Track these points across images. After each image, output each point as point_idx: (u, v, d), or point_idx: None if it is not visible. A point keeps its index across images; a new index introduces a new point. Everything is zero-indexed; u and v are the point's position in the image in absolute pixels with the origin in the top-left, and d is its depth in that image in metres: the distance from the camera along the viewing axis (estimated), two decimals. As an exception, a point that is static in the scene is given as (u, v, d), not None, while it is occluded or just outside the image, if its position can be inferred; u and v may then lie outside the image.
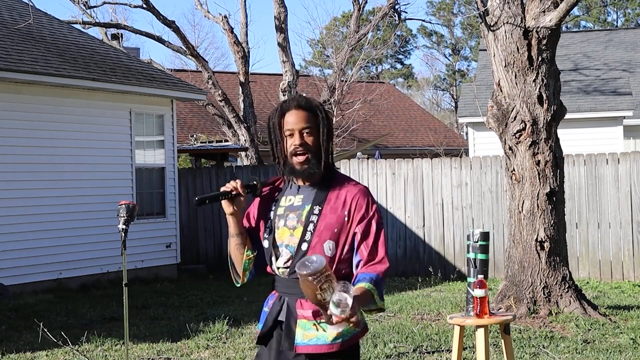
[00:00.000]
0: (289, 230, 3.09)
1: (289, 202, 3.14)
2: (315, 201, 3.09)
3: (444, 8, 51.19)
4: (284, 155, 3.11)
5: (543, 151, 8.51)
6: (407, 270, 12.53)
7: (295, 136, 3.08)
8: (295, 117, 3.09)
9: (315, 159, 3.08)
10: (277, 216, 3.14)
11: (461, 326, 5.07)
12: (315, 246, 3.03)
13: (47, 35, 12.90)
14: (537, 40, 8.48)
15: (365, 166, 12.91)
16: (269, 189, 3.25)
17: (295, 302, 3.06)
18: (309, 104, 3.15)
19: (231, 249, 3.19)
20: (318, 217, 3.06)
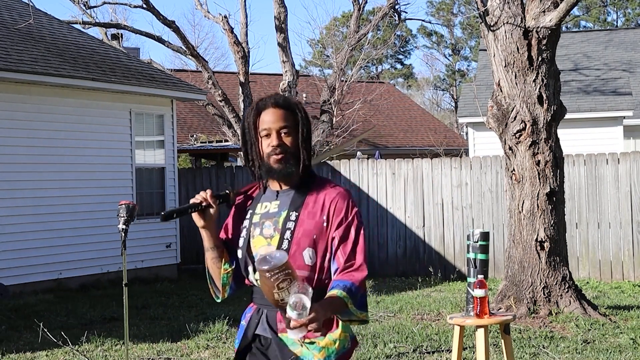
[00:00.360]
0: (265, 239, 2.88)
1: (264, 209, 2.93)
2: (292, 207, 2.87)
3: (444, 8, 51.19)
4: (260, 156, 2.90)
5: (543, 151, 8.51)
6: (407, 270, 12.54)
7: (272, 136, 2.87)
8: (273, 116, 2.89)
9: (294, 160, 2.87)
10: (253, 224, 2.93)
11: (461, 326, 5.07)
12: (295, 255, 2.80)
13: (47, 35, 12.90)
14: (537, 40, 8.48)
15: (365, 166, 12.92)
16: (244, 197, 3.06)
17: (276, 315, 2.84)
18: (287, 102, 2.94)
19: (208, 263, 3.00)
20: (295, 223, 2.84)
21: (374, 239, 12.79)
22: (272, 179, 2.92)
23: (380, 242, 12.76)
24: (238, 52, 16.96)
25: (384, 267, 12.66)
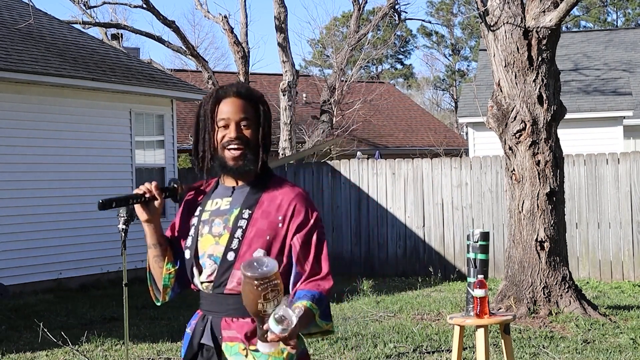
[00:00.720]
0: (213, 238, 2.66)
1: (215, 206, 2.71)
2: (245, 204, 2.65)
3: (444, 8, 51.20)
4: (213, 147, 2.67)
5: (543, 151, 8.51)
6: (407, 270, 12.54)
7: (230, 128, 2.65)
8: (233, 106, 2.67)
9: (252, 156, 2.66)
10: (202, 222, 2.70)
11: (461, 326, 5.07)
12: (244, 256, 2.59)
13: (47, 35, 12.91)
14: (537, 40, 8.48)
15: (365, 166, 12.92)
16: (194, 192, 2.83)
17: (221, 321, 2.63)
18: (250, 93, 2.73)
19: (150, 262, 2.78)
20: (247, 222, 2.62)
21: (374, 239, 12.79)
22: (226, 175, 2.71)
23: (380, 242, 12.76)
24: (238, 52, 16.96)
25: (384, 267, 12.66)
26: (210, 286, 2.64)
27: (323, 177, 13.07)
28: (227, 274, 2.61)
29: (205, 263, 2.65)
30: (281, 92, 16.94)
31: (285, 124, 16.84)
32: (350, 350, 7.09)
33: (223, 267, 2.62)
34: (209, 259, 2.65)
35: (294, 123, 17.03)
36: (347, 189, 12.96)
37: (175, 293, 2.77)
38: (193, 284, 2.71)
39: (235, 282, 2.58)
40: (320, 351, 7.08)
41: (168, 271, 2.73)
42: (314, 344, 7.32)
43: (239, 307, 2.54)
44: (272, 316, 2.32)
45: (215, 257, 2.64)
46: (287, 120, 16.80)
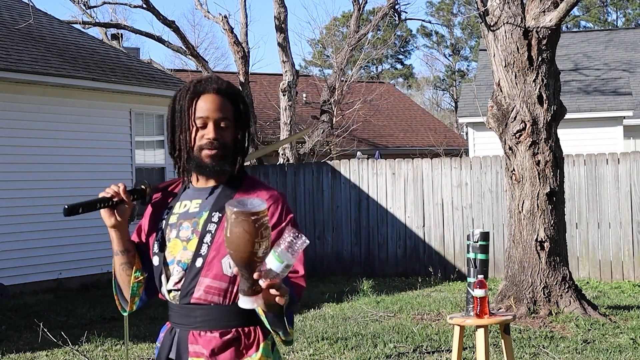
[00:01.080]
0: (182, 243, 2.48)
1: (183, 209, 2.53)
2: (215, 207, 2.47)
3: (444, 8, 51.21)
4: (190, 147, 2.49)
5: (543, 151, 8.51)
6: (407, 270, 12.54)
7: (209, 127, 2.47)
8: (212, 103, 2.48)
9: (230, 157, 2.49)
10: (169, 226, 2.53)
11: (461, 326, 5.07)
12: (212, 262, 2.42)
13: (47, 35, 12.91)
14: (537, 40, 8.48)
15: (365, 166, 12.92)
16: (162, 194, 2.66)
17: (188, 335, 2.46)
18: (230, 90, 2.55)
19: (116, 270, 2.63)
20: (217, 226, 2.43)
21: (374, 239, 12.79)
22: (201, 175, 2.52)
23: (380, 242, 12.76)
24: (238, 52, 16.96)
25: (384, 267, 12.66)
26: (177, 295, 2.48)
27: (323, 177, 13.07)
28: (194, 281, 2.44)
29: (173, 270, 2.49)
30: (281, 92, 16.94)
31: (285, 124, 16.84)
32: (350, 350, 7.09)
33: (191, 273, 2.44)
34: (177, 265, 2.48)
35: (294, 123, 17.03)
36: (347, 189, 12.96)
37: (143, 302, 2.63)
38: (160, 292, 2.55)
39: (203, 291, 2.43)
40: (321, 351, 7.08)
41: (136, 279, 2.58)
42: (314, 344, 7.32)
43: (206, 320, 2.43)
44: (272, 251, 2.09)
45: (183, 263, 2.47)
46: (287, 120, 16.81)
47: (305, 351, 7.07)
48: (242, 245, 2.12)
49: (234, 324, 2.44)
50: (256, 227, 2.12)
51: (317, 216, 13.06)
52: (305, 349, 7.16)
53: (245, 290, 2.16)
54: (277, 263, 2.10)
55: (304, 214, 13.11)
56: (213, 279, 2.42)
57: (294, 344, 7.32)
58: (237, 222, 2.12)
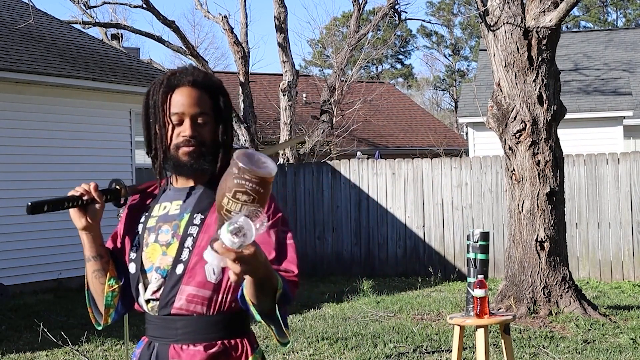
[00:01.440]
0: (161, 248, 2.27)
1: (163, 211, 2.33)
2: (197, 208, 2.26)
3: (444, 8, 51.22)
4: (167, 146, 2.28)
5: (543, 151, 8.51)
6: (407, 270, 12.53)
7: (185, 124, 2.26)
8: (189, 97, 2.26)
9: (210, 155, 2.28)
10: (147, 230, 2.32)
11: (461, 326, 5.07)
12: (195, 268, 2.20)
13: (47, 35, 12.91)
14: (537, 40, 8.48)
15: (365, 166, 12.92)
16: (140, 195, 2.46)
17: (169, 349, 2.25)
18: (209, 81, 2.31)
19: (88, 278, 2.38)
20: (199, 228, 2.23)
21: (374, 239, 12.79)
22: (179, 175, 2.33)
23: (380, 242, 12.76)
24: (238, 52, 16.96)
25: (384, 267, 12.66)
26: (155, 306, 2.27)
27: (323, 177, 13.07)
28: (175, 289, 2.22)
29: (151, 277, 2.27)
30: (281, 92, 16.94)
31: (285, 124, 16.84)
32: (350, 350, 7.09)
33: (171, 281, 2.22)
34: (155, 272, 2.26)
35: (294, 123, 17.03)
36: (347, 189, 12.96)
37: (119, 314, 2.41)
38: (137, 303, 2.34)
39: (184, 300, 2.21)
40: (321, 351, 7.08)
41: (111, 288, 2.35)
42: (314, 344, 7.32)
43: (189, 332, 2.22)
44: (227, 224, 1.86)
45: (163, 270, 2.25)
46: (287, 120, 16.81)
47: (305, 351, 7.07)
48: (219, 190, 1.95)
49: (219, 336, 2.24)
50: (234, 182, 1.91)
51: (317, 216, 13.06)
52: (305, 349, 7.16)
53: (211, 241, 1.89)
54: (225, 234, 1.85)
55: (304, 214, 13.11)
56: (196, 286, 2.21)
57: (293, 344, 7.31)
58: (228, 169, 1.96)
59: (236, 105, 17.69)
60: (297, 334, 7.80)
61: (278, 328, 2.11)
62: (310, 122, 19.78)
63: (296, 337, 7.67)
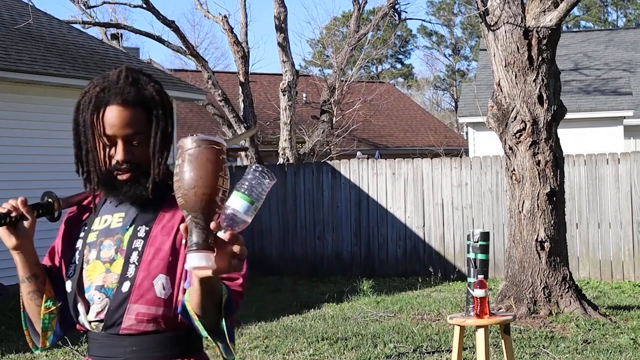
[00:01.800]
0: (103, 265, 2.09)
1: (104, 224, 2.15)
2: (141, 220, 2.10)
3: (444, 8, 51.21)
4: (99, 166, 2.10)
5: (543, 151, 8.51)
6: (407, 270, 12.53)
7: (118, 147, 2.06)
8: (119, 118, 2.04)
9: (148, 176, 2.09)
10: (87, 245, 2.14)
11: (461, 326, 5.06)
12: (142, 284, 2.03)
13: (47, 35, 12.90)
14: (537, 40, 8.48)
15: (365, 166, 12.91)
16: (78, 208, 2.28)
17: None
18: (141, 96, 2.07)
19: (24, 300, 2.19)
20: (144, 241, 2.07)
21: (374, 239, 12.78)
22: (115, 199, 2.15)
23: (380, 242, 12.75)
24: (238, 52, 16.96)
25: (384, 267, 12.66)
26: (100, 326, 2.08)
27: (323, 177, 13.06)
28: (122, 309, 2.05)
29: (94, 297, 2.08)
30: (281, 92, 16.94)
31: (285, 124, 16.84)
32: (350, 350, 7.08)
33: (117, 300, 2.05)
34: (99, 292, 2.08)
35: (294, 123, 17.03)
36: (347, 189, 12.95)
37: (57, 337, 2.20)
38: (79, 323, 2.14)
39: (134, 320, 2.05)
40: (321, 351, 7.08)
41: (48, 310, 2.15)
42: (314, 344, 7.32)
43: (139, 350, 2.05)
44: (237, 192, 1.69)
45: (107, 288, 2.07)
46: (287, 120, 16.80)
47: (305, 351, 7.06)
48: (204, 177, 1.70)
49: (171, 354, 2.07)
50: (221, 158, 1.74)
51: (317, 216, 13.05)
52: (305, 349, 7.15)
53: (200, 244, 1.67)
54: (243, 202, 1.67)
55: (304, 214, 13.10)
56: (145, 304, 2.04)
57: (293, 344, 7.31)
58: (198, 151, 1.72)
59: (236, 105, 17.69)
60: (297, 334, 7.80)
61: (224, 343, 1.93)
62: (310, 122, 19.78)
63: (296, 337, 7.67)
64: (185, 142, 1.74)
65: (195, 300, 1.85)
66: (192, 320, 1.91)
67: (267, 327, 8.29)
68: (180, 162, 1.73)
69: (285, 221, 13.19)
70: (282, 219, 13.20)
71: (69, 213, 2.29)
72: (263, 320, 8.69)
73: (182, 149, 1.74)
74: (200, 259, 1.66)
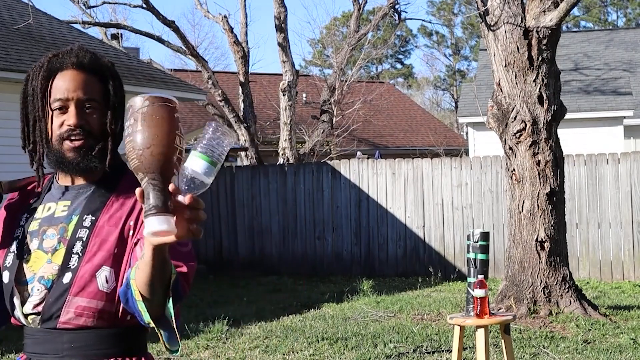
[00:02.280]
0: (45, 255, 1.95)
1: (47, 212, 2.02)
2: (88, 208, 1.97)
3: (444, 8, 51.21)
4: (47, 138, 1.99)
5: (543, 151, 8.51)
6: (407, 270, 12.53)
7: (70, 112, 1.95)
8: (72, 82, 1.96)
9: (100, 150, 1.98)
10: (29, 234, 2.00)
11: (461, 326, 5.06)
12: (85, 276, 1.91)
13: (47, 35, 12.90)
14: (537, 40, 8.48)
15: (365, 166, 12.91)
16: (20, 194, 2.13)
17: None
18: (96, 63, 2.01)
19: None
20: (90, 231, 1.94)
21: (374, 239, 12.78)
22: (62, 172, 2.05)
23: (380, 242, 12.75)
24: (238, 52, 16.96)
25: (384, 267, 12.66)
26: (37, 319, 1.94)
27: (323, 177, 13.06)
28: (61, 301, 1.92)
29: (33, 289, 1.94)
30: (281, 92, 16.94)
31: (285, 124, 16.84)
32: (350, 350, 7.08)
33: (56, 292, 1.92)
34: (38, 282, 1.94)
35: (294, 123, 17.03)
36: (347, 189, 12.95)
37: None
38: (14, 317, 1.99)
39: (73, 313, 1.91)
40: (321, 351, 7.08)
41: None
42: (314, 344, 7.32)
43: (78, 347, 1.92)
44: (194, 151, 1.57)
45: (47, 280, 1.93)
46: (287, 120, 16.80)
47: (305, 351, 7.06)
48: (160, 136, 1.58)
49: (113, 352, 1.94)
50: (175, 117, 1.62)
51: (317, 216, 13.05)
52: (305, 349, 7.15)
53: (159, 207, 1.54)
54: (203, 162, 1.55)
55: (304, 214, 13.10)
56: (86, 297, 1.91)
57: (293, 344, 7.31)
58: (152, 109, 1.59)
59: (236, 105, 17.69)
60: (297, 334, 7.80)
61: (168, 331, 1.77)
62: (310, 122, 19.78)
63: (296, 337, 7.67)
64: (136, 100, 1.60)
65: (144, 275, 1.69)
66: (135, 302, 1.76)
67: (267, 327, 8.29)
68: (132, 122, 1.59)
69: (285, 221, 13.19)
70: (282, 219, 13.20)
71: (9, 199, 2.13)
72: (263, 320, 8.70)
73: (132, 108, 1.61)
74: (160, 223, 1.53)
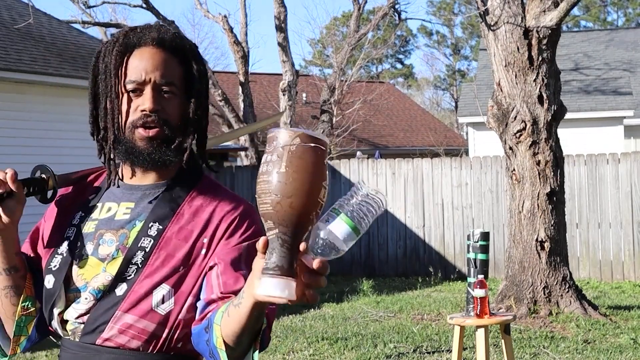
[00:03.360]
0: (101, 263, 1.70)
1: (106, 213, 1.75)
2: (154, 215, 1.71)
3: (445, 8, 51.21)
4: (118, 123, 1.71)
5: (543, 151, 8.50)
6: (407, 270, 12.53)
7: (145, 95, 1.69)
8: (150, 60, 1.69)
9: (178, 142, 1.72)
10: (83, 236, 1.74)
11: (461, 326, 5.06)
12: (139, 292, 1.65)
13: (47, 35, 12.90)
14: (537, 40, 8.47)
15: (365, 166, 12.91)
16: (75, 189, 1.86)
17: None
18: (179, 42, 1.74)
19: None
20: (155, 242, 1.68)
21: (374, 239, 12.78)
22: (132, 166, 1.75)
23: (380, 242, 12.75)
24: (238, 51, 16.96)
25: (384, 267, 12.65)
26: (78, 330, 1.70)
27: (323, 177, 13.05)
28: (108, 315, 1.67)
29: (81, 297, 1.70)
30: (281, 92, 16.94)
31: (285, 123, 16.83)
32: (350, 350, 7.08)
33: (105, 304, 1.67)
34: (89, 292, 1.70)
35: (294, 123, 17.03)
36: (347, 189, 12.91)
37: (31, 343, 1.78)
38: (51, 326, 1.75)
39: (117, 330, 1.66)
40: (321, 351, 7.07)
41: (26, 311, 1.75)
42: (314, 344, 7.31)
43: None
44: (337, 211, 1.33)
45: (97, 290, 1.69)
46: (287, 120, 16.80)
47: (305, 351, 7.06)
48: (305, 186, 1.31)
49: None
50: (325, 163, 1.35)
51: (317, 216, 13.04)
52: (305, 349, 7.15)
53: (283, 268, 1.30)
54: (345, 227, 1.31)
55: (304, 214, 13.09)
56: (136, 315, 1.65)
57: (293, 344, 7.31)
58: (302, 150, 1.32)
59: (236, 105, 17.68)
60: (297, 334, 7.79)
61: None
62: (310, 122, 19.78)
63: (296, 337, 7.66)
64: (282, 133, 1.33)
65: (235, 326, 1.48)
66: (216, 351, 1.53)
67: None
68: (275, 160, 1.32)
69: (285, 221, 13.17)
70: (282, 219, 13.19)
71: (61, 194, 1.86)
72: (263, 320, 8.68)
73: (276, 141, 1.33)
74: (280, 288, 1.30)
